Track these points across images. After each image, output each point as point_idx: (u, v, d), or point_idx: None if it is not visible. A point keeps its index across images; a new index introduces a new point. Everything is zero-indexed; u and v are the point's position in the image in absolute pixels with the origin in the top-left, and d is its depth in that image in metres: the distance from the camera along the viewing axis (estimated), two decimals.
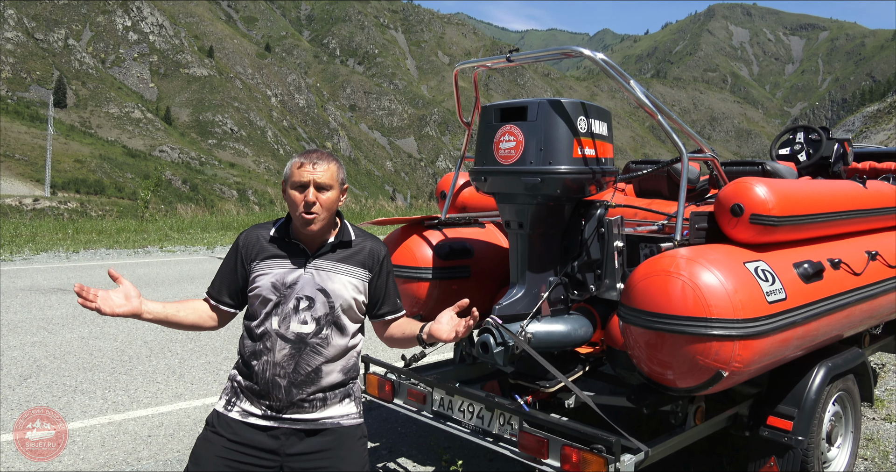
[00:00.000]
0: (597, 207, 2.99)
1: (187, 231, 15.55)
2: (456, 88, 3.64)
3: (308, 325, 2.24)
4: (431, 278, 3.40)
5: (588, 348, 3.33)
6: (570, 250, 3.03)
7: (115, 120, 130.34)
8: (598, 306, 3.24)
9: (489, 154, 2.92)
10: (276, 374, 2.23)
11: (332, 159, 2.26)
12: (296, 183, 2.22)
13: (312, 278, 2.26)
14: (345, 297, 2.28)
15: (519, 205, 2.93)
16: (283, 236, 2.33)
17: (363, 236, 2.41)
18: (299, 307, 2.24)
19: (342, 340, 2.30)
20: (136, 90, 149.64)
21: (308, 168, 2.21)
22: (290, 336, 2.23)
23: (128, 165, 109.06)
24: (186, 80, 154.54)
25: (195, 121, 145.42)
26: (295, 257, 2.29)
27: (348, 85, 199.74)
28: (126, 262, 11.08)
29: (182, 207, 20.66)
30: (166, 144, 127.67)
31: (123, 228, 15.07)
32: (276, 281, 2.25)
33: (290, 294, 2.25)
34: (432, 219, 3.65)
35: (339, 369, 2.31)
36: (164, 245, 13.19)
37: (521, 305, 2.95)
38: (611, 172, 2.97)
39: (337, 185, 2.26)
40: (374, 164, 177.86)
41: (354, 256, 2.33)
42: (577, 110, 2.83)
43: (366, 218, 18.66)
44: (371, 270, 2.35)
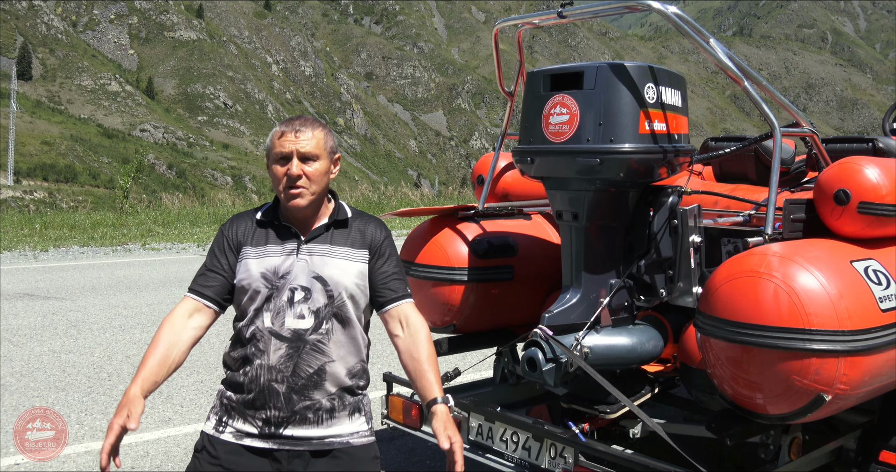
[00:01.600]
0: (668, 195, 2.97)
1: (174, 225, 15.79)
2: (496, 51, 3.64)
3: (306, 319, 2.29)
4: (467, 280, 3.41)
5: (658, 365, 3.31)
6: (635, 247, 3.02)
7: (89, 94, 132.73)
8: (669, 315, 3.21)
9: (537, 130, 2.91)
10: (273, 379, 2.27)
11: (317, 125, 2.34)
12: (277, 155, 2.30)
13: (307, 265, 2.31)
14: (345, 283, 2.32)
15: (573, 192, 2.93)
16: (272, 219, 2.40)
17: (360, 215, 2.48)
18: (294, 299, 2.29)
19: (347, 335, 2.35)
20: (113, 58, 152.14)
21: (290, 137, 2.29)
22: (286, 334, 2.28)
23: (104, 147, 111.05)
24: (171, 45, 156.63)
25: (182, 94, 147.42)
26: (286, 242, 2.35)
27: (363, 49, 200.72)
28: (103, 262, 11.30)
29: (168, 197, 20.98)
30: (149, 121, 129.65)
31: (99, 222, 15.36)
32: (265, 271, 2.31)
33: (282, 285, 2.30)
34: (467, 209, 3.66)
35: (345, 372, 2.35)
36: (147, 242, 13.42)
37: (575, 313, 2.94)
38: (686, 152, 2.94)
39: (325, 154, 2.32)
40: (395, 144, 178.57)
41: (352, 236, 2.39)
42: (644, 76, 2.81)
43: (385, 209, 18.77)
44: (372, 251, 2.41)
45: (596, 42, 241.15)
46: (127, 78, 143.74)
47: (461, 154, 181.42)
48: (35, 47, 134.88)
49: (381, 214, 4.03)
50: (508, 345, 3.49)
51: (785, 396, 2.48)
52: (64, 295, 8.63)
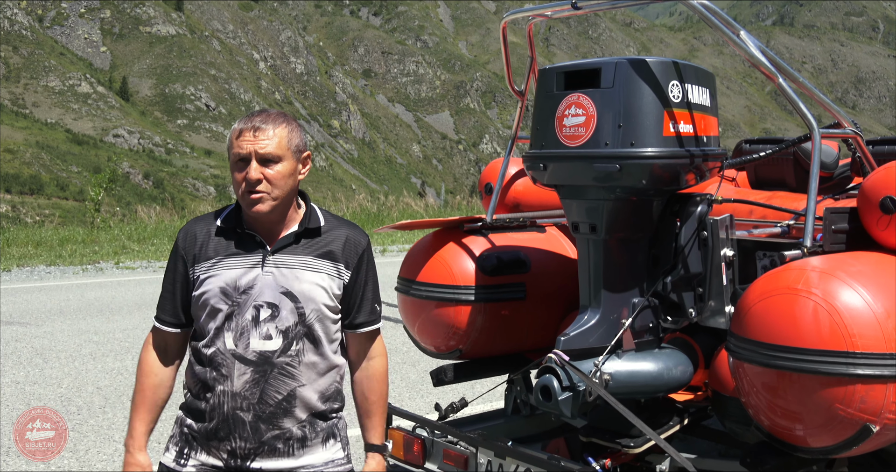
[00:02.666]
0: (697, 203, 2.99)
1: (150, 241, 15.85)
2: (504, 46, 3.68)
3: (273, 340, 2.29)
4: (474, 300, 3.43)
5: (687, 394, 3.32)
6: (660, 262, 3.04)
7: (57, 96, 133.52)
8: (699, 338, 3.22)
9: (550, 133, 2.94)
10: (238, 407, 2.28)
11: (279, 121, 2.31)
12: (236, 157, 2.29)
13: (273, 279, 2.31)
14: (317, 300, 2.33)
15: (591, 201, 2.95)
16: (233, 225, 2.38)
17: (336, 222, 2.47)
18: (259, 318, 2.29)
19: (319, 356, 2.36)
20: (84, 56, 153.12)
21: (248, 137, 2.27)
22: (251, 357, 2.29)
23: (73, 155, 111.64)
24: (148, 41, 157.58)
25: (160, 95, 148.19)
26: (249, 253, 2.34)
27: (361, 43, 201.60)
28: (72, 282, 11.35)
29: (144, 210, 21.06)
30: (122, 126, 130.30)
31: (68, 239, 15.42)
32: (226, 285, 2.31)
33: (245, 301, 2.30)
34: (474, 221, 3.69)
35: (317, 396, 2.36)
36: (120, 260, 13.47)
37: (594, 335, 2.95)
38: (716, 156, 2.96)
39: (289, 154, 2.31)
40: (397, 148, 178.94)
41: (326, 247, 2.39)
42: (668, 73, 2.83)
43: (386, 221, 18.80)
44: (349, 265, 2.40)
45: (619, 34, 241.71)
46: (99, 78, 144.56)
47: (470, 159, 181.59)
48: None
49: (380, 227, 4.06)
50: (520, 372, 3.50)
51: (827, 427, 2.48)
52: (28, 320, 8.67)
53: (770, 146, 3.67)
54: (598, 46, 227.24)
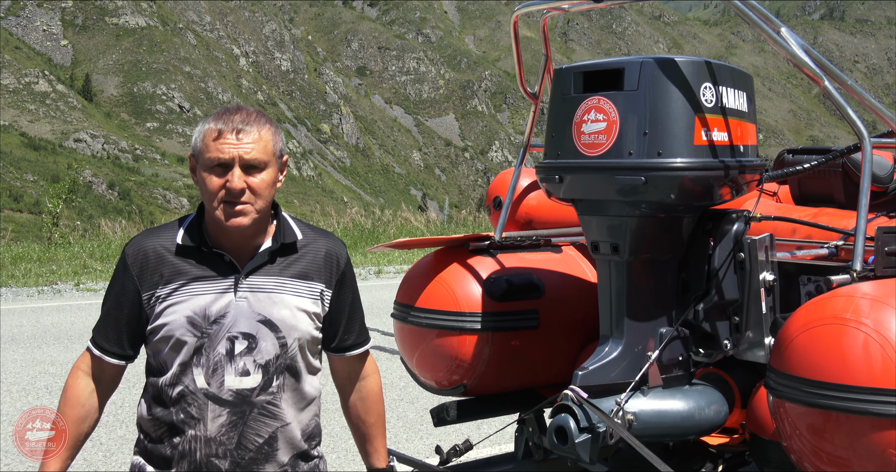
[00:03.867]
0: (733, 221, 3.00)
1: (115, 260, 15.86)
2: (516, 42, 3.70)
3: (251, 376, 2.28)
4: (480, 328, 3.44)
5: (722, 436, 3.31)
6: (691, 287, 3.05)
7: (11, 95, 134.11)
8: (735, 373, 3.22)
9: (566, 141, 2.96)
10: (213, 454, 2.26)
11: (262, 121, 2.29)
12: (213, 161, 2.23)
13: (248, 306, 2.29)
14: (300, 327, 2.32)
15: (612, 218, 2.96)
16: (198, 243, 2.33)
17: (312, 233, 2.45)
18: (235, 351, 2.27)
19: (300, 390, 2.36)
20: (42, 51, 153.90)
21: (229, 139, 2.22)
22: (227, 396, 2.27)
23: (28, 161, 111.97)
24: (115, 34, 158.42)
25: (127, 95, 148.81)
26: (218, 276, 2.30)
27: (355, 37, 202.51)
28: (26, 306, 11.37)
29: (108, 224, 21.10)
30: (85, 129, 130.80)
31: (22, 256, 15.46)
32: (193, 314, 2.27)
33: (217, 332, 2.27)
34: (481, 239, 3.70)
35: (300, 435, 2.37)
36: (81, 281, 13.49)
37: (616, 370, 2.96)
38: (754, 167, 2.98)
39: (273, 160, 2.29)
40: (394, 156, 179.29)
41: (305, 264, 2.37)
42: (700, 74, 2.85)
43: (381, 238, 18.83)
44: (330, 283, 2.40)
45: (647, 28, 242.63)
46: (59, 75, 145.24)
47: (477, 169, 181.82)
48: None
49: (375, 246, 4.06)
50: (533, 411, 3.50)
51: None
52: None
53: (816, 157, 3.68)
54: (623, 42, 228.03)
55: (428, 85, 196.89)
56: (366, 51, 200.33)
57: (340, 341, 2.44)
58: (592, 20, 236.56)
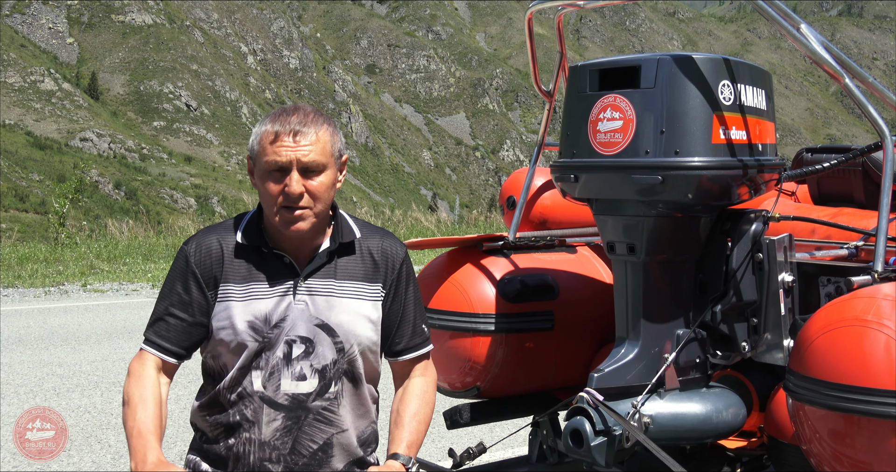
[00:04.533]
0: (751, 221, 3.00)
1: (122, 260, 15.93)
2: (530, 41, 3.70)
3: (307, 381, 2.27)
4: (494, 330, 3.44)
5: (739, 440, 3.31)
6: (708, 288, 3.04)
7: (16, 94, 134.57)
8: (753, 376, 3.21)
9: (582, 140, 2.96)
10: (266, 458, 2.26)
11: (320, 121, 2.25)
12: (271, 165, 2.21)
13: (307, 309, 2.28)
14: (359, 332, 2.31)
15: (629, 218, 2.96)
16: (256, 243, 2.32)
17: (369, 231, 2.43)
18: (292, 355, 2.27)
19: (358, 396, 2.35)
20: (48, 49, 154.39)
21: (286, 142, 2.20)
22: (283, 400, 2.26)
23: (34, 161, 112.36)
24: (121, 32, 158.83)
25: (134, 93, 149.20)
26: (278, 278, 2.29)
27: (364, 35, 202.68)
28: (33, 307, 11.41)
29: (115, 224, 21.17)
30: (91, 128, 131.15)
31: (28, 257, 15.52)
32: (254, 318, 2.26)
33: (276, 336, 2.26)
34: (495, 239, 3.70)
35: (356, 442, 2.36)
36: (88, 282, 13.54)
37: (632, 372, 2.96)
38: (773, 166, 2.98)
39: (332, 161, 2.27)
40: (404, 155, 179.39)
41: (363, 264, 2.36)
42: (718, 71, 2.85)
43: None
44: (386, 282, 2.39)
45: (661, 25, 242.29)
46: (64, 73, 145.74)
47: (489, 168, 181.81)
48: None
49: None
50: (547, 413, 3.50)
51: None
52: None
53: (835, 156, 3.67)
54: (637, 39, 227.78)
55: (438, 83, 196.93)
56: (375, 48, 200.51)
57: (393, 344, 2.41)
58: (605, 17, 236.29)
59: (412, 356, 2.45)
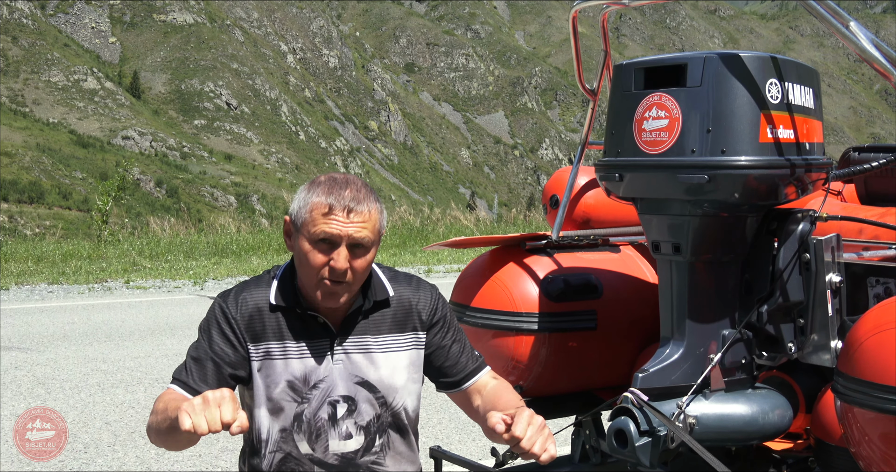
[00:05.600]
0: (798, 221, 2.97)
1: (164, 257, 16.10)
2: (574, 39, 3.69)
3: (354, 439, 2.28)
4: (537, 329, 3.43)
5: (785, 442, 3.28)
6: (755, 288, 3.02)
7: (60, 92, 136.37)
8: (800, 377, 3.18)
9: (627, 139, 2.95)
10: None
11: (371, 198, 2.23)
12: (319, 236, 2.18)
13: (345, 368, 2.28)
14: (398, 384, 2.31)
15: (674, 217, 2.95)
16: (292, 304, 2.30)
17: (399, 282, 2.42)
18: (337, 416, 2.26)
19: (406, 444, 2.36)
20: (91, 48, 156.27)
21: (339, 216, 2.17)
22: (333, 460, 2.27)
23: (77, 159, 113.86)
24: (162, 31, 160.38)
25: (175, 92, 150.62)
26: (315, 339, 2.29)
27: (403, 34, 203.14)
28: (77, 303, 11.56)
29: (156, 222, 21.39)
30: (133, 127, 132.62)
31: (72, 254, 15.73)
32: (293, 379, 2.25)
33: (316, 397, 2.26)
34: (538, 238, 3.70)
35: None
36: (131, 278, 13.69)
37: (677, 372, 2.94)
38: (820, 166, 2.95)
39: (378, 239, 2.25)
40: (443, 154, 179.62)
41: (396, 316, 2.35)
42: (765, 69, 2.83)
43: (431, 238, 18.87)
44: (425, 327, 2.39)
45: (702, 23, 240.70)
46: (107, 72, 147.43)
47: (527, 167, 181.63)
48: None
49: (427, 245, 4.07)
50: (590, 413, 3.49)
51: None
52: (29, 345, 8.85)
53: (883, 155, 3.63)
54: (678, 37, 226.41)
55: (477, 82, 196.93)
56: (414, 47, 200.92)
57: (454, 376, 2.42)
58: (646, 15, 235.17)
59: (475, 381, 2.45)
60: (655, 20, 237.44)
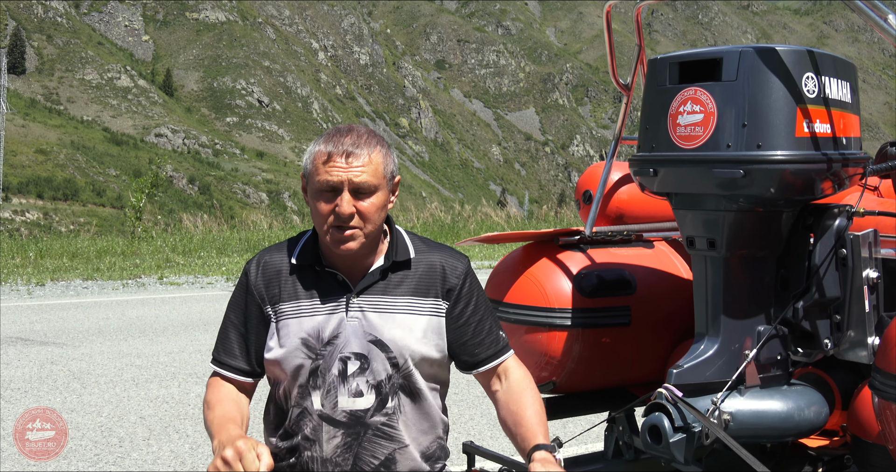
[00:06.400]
0: (835, 216, 2.95)
1: (197, 254, 16.24)
2: (608, 34, 3.69)
3: (364, 397, 2.28)
4: (570, 324, 3.43)
5: (821, 439, 3.26)
6: (790, 284, 3.00)
7: (94, 90, 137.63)
8: (836, 373, 3.16)
9: (661, 134, 2.94)
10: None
11: (373, 142, 2.27)
12: (322, 185, 2.23)
13: (360, 326, 2.29)
14: (412, 347, 2.31)
15: (709, 212, 2.94)
16: (311, 262, 2.35)
17: (426, 248, 2.44)
18: (347, 372, 2.28)
19: (419, 410, 2.35)
20: (124, 46, 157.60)
21: (338, 163, 2.22)
22: (341, 417, 2.28)
23: (111, 156, 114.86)
24: (195, 29, 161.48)
25: (207, 89, 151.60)
26: (331, 296, 2.31)
27: (434, 31, 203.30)
28: (111, 299, 11.67)
29: (189, 219, 21.58)
30: (166, 124, 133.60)
31: (106, 250, 15.88)
32: (308, 336, 2.29)
33: (330, 354, 2.28)
34: (571, 234, 3.69)
35: (420, 457, 2.36)
36: (164, 275, 13.81)
37: (712, 368, 2.93)
38: (857, 160, 2.93)
39: (384, 182, 2.28)
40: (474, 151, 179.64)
41: (418, 279, 2.36)
42: (802, 63, 2.81)
43: (462, 234, 18.90)
44: (448, 297, 2.38)
45: (735, 18, 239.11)
46: (140, 70, 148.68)
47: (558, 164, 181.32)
48: (29, 34, 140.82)
49: (459, 241, 4.08)
50: (624, 409, 3.48)
51: None
52: (64, 340, 8.95)
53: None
54: (710, 33, 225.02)
55: (508, 78, 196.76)
56: (445, 44, 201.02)
57: (471, 357, 2.40)
58: (678, 10, 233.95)
59: (498, 363, 2.43)
60: (688, 16, 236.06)
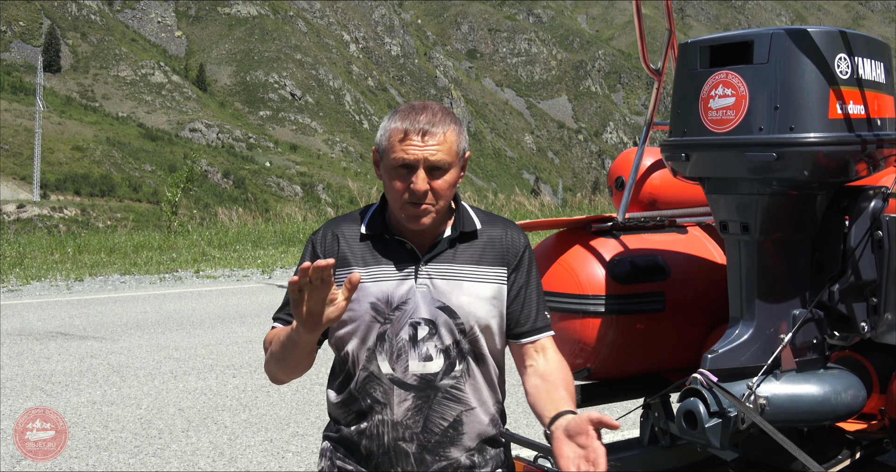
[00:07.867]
0: (870, 198, 2.93)
1: (232, 247, 16.35)
2: (638, 19, 3.67)
3: (434, 361, 2.33)
4: (604, 311, 3.43)
5: (859, 423, 3.24)
6: (825, 267, 2.99)
7: (128, 87, 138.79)
8: (873, 357, 3.14)
9: (693, 118, 2.93)
10: (400, 438, 2.32)
11: (447, 120, 2.31)
12: (398, 162, 2.28)
13: (428, 292, 2.34)
14: (478, 313, 2.35)
15: (742, 196, 2.92)
16: (380, 231, 2.41)
17: (491, 220, 2.48)
18: (417, 337, 2.32)
19: (484, 374, 2.40)
20: (157, 42, 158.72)
21: (415, 140, 2.26)
22: (412, 381, 2.32)
23: (146, 152, 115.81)
24: (227, 24, 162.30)
25: (240, 84, 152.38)
26: (400, 263, 2.36)
27: (465, 20, 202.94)
28: (149, 293, 11.80)
29: (224, 213, 21.73)
30: (200, 119, 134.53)
31: (143, 245, 16.05)
32: (377, 300, 2.33)
33: (399, 318, 2.33)
34: (604, 220, 3.68)
35: (487, 420, 2.41)
36: (200, 268, 13.94)
37: (747, 353, 2.92)
38: (891, 142, 2.90)
39: (457, 160, 2.33)
40: (506, 139, 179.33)
41: (483, 250, 2.41)
42: (834, 44, 2.79)
43: None
44: (509, 268, 2.43)
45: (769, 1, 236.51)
46: (173, 66, 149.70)
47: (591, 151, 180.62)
48: (64, 32, 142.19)
49: None
50: (659, 395, 3.48)
51: None
52: (104, 334, 9.06)
53: None
54: (743, 16, 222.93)
55: (539, 66, 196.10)
56: (476, 33, 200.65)
57: (515, 327, 2.44)
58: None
59: (536, 339, 2.45)
60: None
